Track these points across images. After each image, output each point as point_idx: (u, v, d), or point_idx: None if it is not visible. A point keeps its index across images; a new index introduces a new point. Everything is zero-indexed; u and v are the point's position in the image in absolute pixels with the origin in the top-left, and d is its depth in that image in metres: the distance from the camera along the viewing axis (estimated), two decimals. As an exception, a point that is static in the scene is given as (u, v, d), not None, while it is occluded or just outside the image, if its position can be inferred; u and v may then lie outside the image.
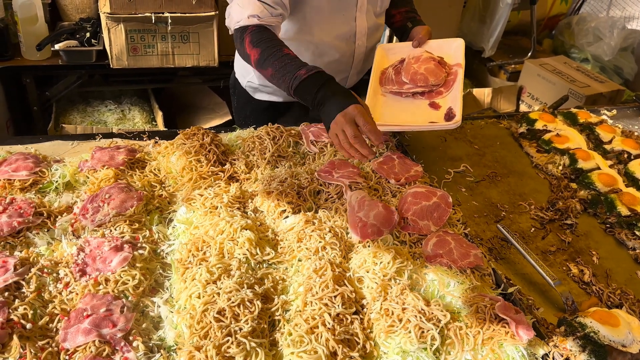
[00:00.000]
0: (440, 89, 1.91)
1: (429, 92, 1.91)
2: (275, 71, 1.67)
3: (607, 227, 1.80)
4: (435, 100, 1.89)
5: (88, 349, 1.19)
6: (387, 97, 1.95)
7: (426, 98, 1.91)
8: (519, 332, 1.27)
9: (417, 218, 1.63)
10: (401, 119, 1.87)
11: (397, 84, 1.92)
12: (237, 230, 1.48)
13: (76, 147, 1.87)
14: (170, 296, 1.37)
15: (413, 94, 1.92)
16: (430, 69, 1.90)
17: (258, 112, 2.29)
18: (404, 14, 2.17)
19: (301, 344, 1.21)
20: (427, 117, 1.85)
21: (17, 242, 1.45)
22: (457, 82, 1.90)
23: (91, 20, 3.24)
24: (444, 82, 1.92)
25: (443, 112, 1.84)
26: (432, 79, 1.89)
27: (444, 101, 1.88)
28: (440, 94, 1.90)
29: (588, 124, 2.27)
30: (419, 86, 1.89)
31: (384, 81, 1.98)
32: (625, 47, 4.21)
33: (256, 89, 2.25)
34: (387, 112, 1.90)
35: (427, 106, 1.88)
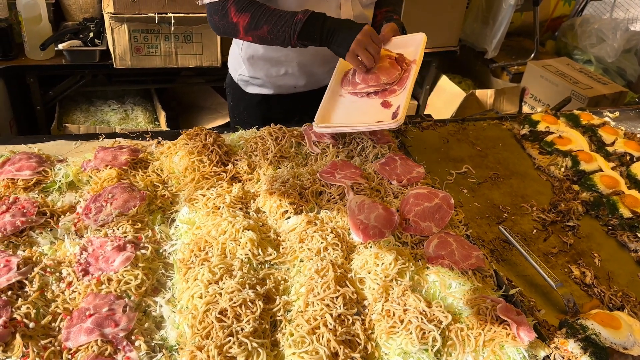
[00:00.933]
0: (394, 87, 1.88)
1: (382, 91, 1.89)
2: (271, 26, 1.73)
3: (609, 229, 1.80)
4: (387, 99, 1.87)
5: (90, 348, 1.19)
6: (346, 97, 1.94)
7: (379, 97, 1.89)
8: (520, 334, 1.27)
9: (419, 219, 1.63)
10: (351, 118, 1.86)
11: (352, 84, 1.91)
12: (240, 230, 1.48)
13: (79, 147, 1.88)
14: (172, 296, 1.37)
15: (367, 93, 1.90)
16: (383, 67, 1.87)
17: (251, 107, 2.30)
18: (384, 13, 2.15)
19: (302, 345, 1.21)
20: (376, 116, 1.82)
21: (20, 242, 1.45)
22: (408, 80, 1.86)
23: (95, 20, 3.25)
24: (398, 80, 1.89)
25: (392, 111, 1.82)
26: (384, 78, 1.86)
27: (396, 99, 1.85)
28: (393, 92, 1.87)
29: (590, 125, 2.27)
30: (370, 85, 1.88)
31: (344, 82, 1.96)
32: (628, 49, 4.20)
33: (247, 82, 2.25)
34: (340, 113, 1.89)
35: (379, 105, 1.87)
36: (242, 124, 2.10)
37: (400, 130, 2.16)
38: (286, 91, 2.23)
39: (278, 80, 2.18)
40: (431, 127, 2.24)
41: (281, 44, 1.79)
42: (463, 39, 4.25)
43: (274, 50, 2.06)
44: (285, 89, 2.22)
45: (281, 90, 2.22)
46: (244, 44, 2.14)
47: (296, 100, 2.24)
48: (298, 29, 1.70)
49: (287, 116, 2.15)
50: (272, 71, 2.15)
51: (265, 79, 2.19)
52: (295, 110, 2.23)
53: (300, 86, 2.21)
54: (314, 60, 2.13)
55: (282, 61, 2.12)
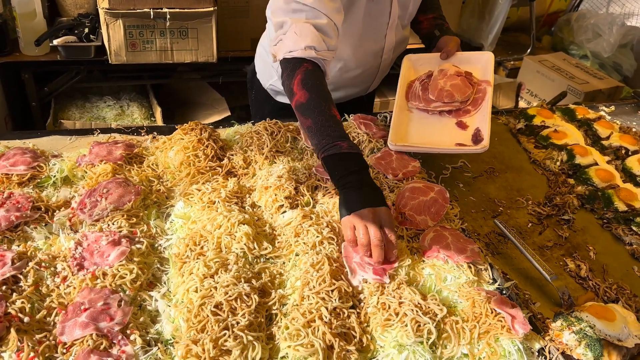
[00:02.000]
0: (468, 107, 1.85)
1: (456, 110, 1.85)
2: (314, 125, 1.56)
3: (604, 223, 1.81)
4: (462, 120, 1.83)
5: (85, 342, 1.19)
6: (414, 113, 1.90)
7: (453, 117, 1.85)
8: (515, 326, 1.28)
9: (414, 213, 1.63)
10: (427, 138, 1.81)
11: (424, 101, 1.86)
12: (235, 224, 1.48)
13: (74, 142, 1.87)
14: (167, 290, 1.37)
15: (440, 112, 1.87)
16: (456, 85, 1.84)
17: (276, 110, 2.25)
18: (432, 20, 2.10)
19: (298, 338, 1.21)
20: (454, 137, 1.80)
21: (14, 237, 1.45)
22: (485, 100, 1.83)
23: (90, 16, 3.23)
24: (472, 100, 1.86)
25: (470, 133, 1.80)
26: (457, 96, 1.84)
27: (472, 120, 1.83)
28: (468, 112, 1.84)
29: (586, 120, 2.27)
30: (445, 103, 1.84)
31: (411, 96, 1.92)
32: (624, 44, 4.21)
33: (278, 92, 2.22)
34: (413, 131, 1.84)
35: (455, 125, 1.83)
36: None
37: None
38: None
39: None
40: (427, 121, 2.24)
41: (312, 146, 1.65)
42: (459, 34, 4.24)
43: None
44: None
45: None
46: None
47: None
48: (330, 152, 1.51)
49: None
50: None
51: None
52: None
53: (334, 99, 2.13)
54: (352, 81, 2.10)
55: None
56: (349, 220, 1.44)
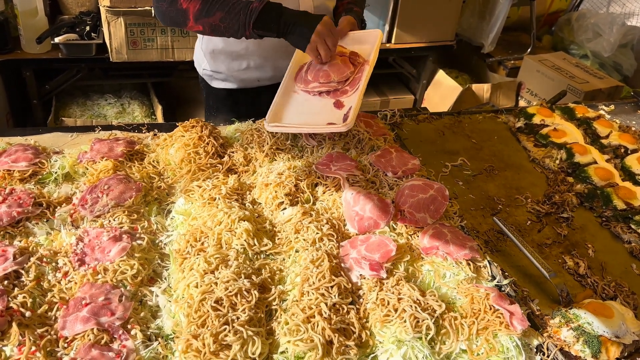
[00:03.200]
0: (346, 87, 1.83)
1: (334, 90, 1.84)
2: (225, 13, 1.67)
3: (603, 221, 1.81)
4: (340, 99, 1.82)
5: (86, 337, 1.20)
6: (299, 94, 1.89)
7: (332, 97, 1.84)
8: (514, 323, 1.29)
9: (414, 210, 1.64)
10: (303, 118, 1.81)
11: (304, 82, 1.86)
12: (235, 221, 1.49)
13: (75, 139, 1.88)
14: (168, 286, 1.38)
15: (319, 92, 1.85)
16: (334, 65, 1.82)
17: (219, 101, 2.26)
18: (345, 5, 2.09)
19: (298, 333, 1.22)
20: (328, 117, 1.78)
21: (16, 232, 1.46)
22: (361, 81, 1.81)
23: (91, 14, 3.24)
24: (351, 80, 1.83)
25: (343, 113, 1.78)
26: (334, 76, 1.81)
27: (348, 100, 1.81)
28: (345, 92, 1.82)
29: (585, 118, 2.28)
30: (321, 83, 1.82)
31: (297, 78, 1.91)
32: (624, 44, 4.21)
33: (211, 76, 2.21)
34: (292, 111, 1.84)
35: (332, 105, 1.82)
36: (214, 118, 2.08)
37: (396, 123, 2.17)
38: (250, 85, 2.18)
39: (240, 74, 2.14)
40: (427, 120, 2.25)
41: (234, 35, 1.74)
42: (460, 33, 4.25)
43: (234, 43, 2.02)
44: (249, 82, 2.17)
45: (245, 84, 2.18)
46: (204, 38, 2.10)
47: (263, 94, 2.15)
48: (254, 17, 1.65)
49: (257, 111, 2.07)
50: (233, 65, 2.11)
51: (227, 72, 2.14)
52: (264, 104, 2.09)
53: (264, 79, 2.17)
54: (275, 53, 2.08)
55: (243, 54, 2.07)
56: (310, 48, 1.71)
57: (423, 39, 3.84)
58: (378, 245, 1.47)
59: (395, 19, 3.65)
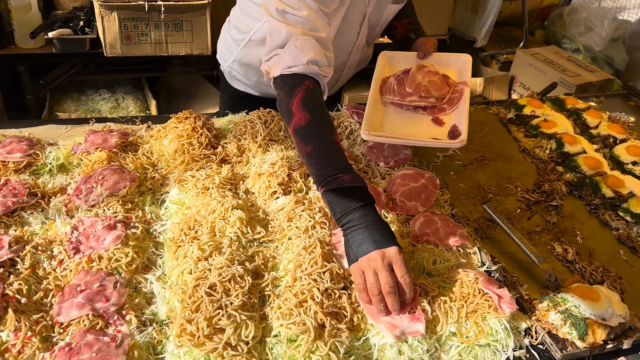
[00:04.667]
0: (443, 105, 1.82)
1: (431, 107, 1.81)
2: (314, 153, 1.41)
3: (592, 209, 1.84)
4: (438, 117, 1.80)
5: (82, 322, 1.22)
6: (388, 107, 1.86)
7: (428, 113, 1.81)
8: (502, 306, 1.31)
9: (405, 199, 1.66)
10: (402, 130, 1.77)
11: (399, 94, 1.82)
12: (229, 209, 1.51)
13: (70, 131, 1.89)
14: (162, 273, 1.40)
15: (415, 107, 1.83)
16: (434, 82, 1.81)
17: (233, 99, 2.25)
18: (406, 25, 2.07)
19: (290, 317, 1.24)
20: (429, 132, 1.75)
21: (11, 222, 1.47)
22: (462, 99, 1.79)
23: (85, 9, 3.24)
24: (447, 99, 1.83)
25: (446, 130, 1.74)
26: (434, 92, 1.79)
27: (448, 118, 1.79)
28: (443, 110, 1.81)
29: (575, 109, 2.31)
30: (421, 97, 1.80)
31: (385, 90, 1.87)
32: (616, 38, 4.24)
33: (234, 77, 2.20)
34: (387, 124, 1.80)
35: (430, 121, 1.79)
36: (227, 111, 2.10)
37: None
38: (270, 96, 2.15)
39: (266, 88, 2.13)
40: (419, 111, 2.26)
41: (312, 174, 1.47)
42: (452, 27, 4.27)
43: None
44: (270, 94, 2.15)
45: (265, 95, 2.19)
46: (241, 49, 2.04)
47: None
48: (332, 187, 1.38)
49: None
50: (262, 79, 1.93)
51: (256, 84, 2.15)
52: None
53: None
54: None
55: None
56: (357, 267, 1.32)
57: (416, 34, 3.85)
58: (369, 233, 1.49)
59: (388, 13, 3.67)
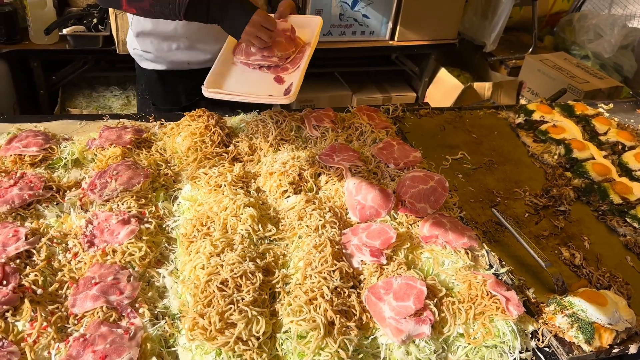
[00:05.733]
0: (287, 64, 1.90)
1: (275, 67, 1.89)
2: (154, 1, 1.67)
3: (600, 215, 1.85)
4: (280, 75, 1.88)
5: (96, 314, 1.24)
6: (238, 66, 1.92)
7: (272, 72, 1.90)
8: (510, 308, 1.33)
9: (414, 201, 1.67)
10: (243, 88, 1.84)
11: (245, 54, 1.90)
12: (240, 207, 1.53)
13: (84, 127, 1.92)
14: (175, 268, 1.42)
15: (260, 66, 1.90)
16: (278, 43, 1.89)
17: (150, 84, 2.24)
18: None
19: (300, 313, 1.26)
20: (268, 90, 1.83)
21: (27, 214, 1.50)
22: (303, 60, 1.89)
23: (98, 7, 3.27)
24: (292, 59, 1.91)
25: (284, 87, 1.83)
26: (278, 52, 1.87)
27: (289, 77, 1.87)
28: (286, 70, 1.89)
29: (584, 116, 2.32)
30: (264, 57, 1.88)
31: (237, 50, 1.94)
32: (625, 45, 4.24)
33: (141, 56, 2.18)
34: (232, 81, 1.88)
35: (272, 80, 1.87)
36: (145, 102, 2.07)
37: (398, 117, 2.20)
38: (180, 67, 2.16)
39: (170, 56, 2.11)
40: (428, 114, 2.29)
41: (168, 19, 1.76)
42: (462, 32, 4.28)
43: (162, 25, 2.01)
44: (178, 64, 2.15)
45: (174, 66, 2.16)
46: (133, 18, 2.08)
47: (193, 78, 2.11)
48: (183, 10, 1.67)
49: (188, 95, 2.06)
50: (162, 46, 2.09)
51: (156, 53, 2.12)
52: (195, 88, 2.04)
53: (194, 62, 2.15)
54: (204, 35, 2.08)
55: (172, 36, 2.06)
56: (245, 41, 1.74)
57: (426, 37, 3.87)
58: (379, 233, 1.51)
59: (398, 16, 3.69)
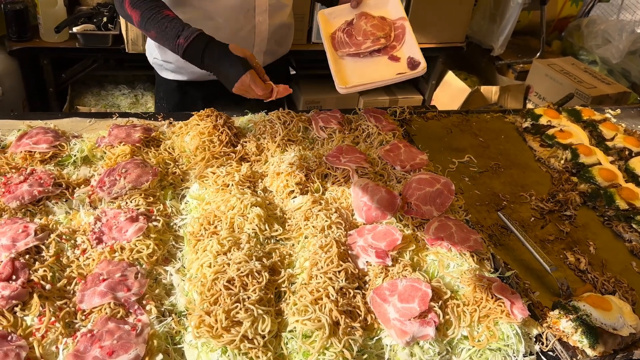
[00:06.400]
0: (393, 43, 1.92)
1: (383, 48, 1.91)
2: (158, 34, 1.73)
3: (605, 220, 1.85)
4: (393, 54, 1.90)
5: (103, 310, 1.25)
6: (346, 59, 1.93)
7: (383, 54, 1.91)
8: (514, 311, 1.33)
9: (420, 203, 1.68)
10: (368, 76, 1.86)
11: (354, 45, 1.91)
12: (247, 206, 1.54)
13: (93, 125, 1.94)
14: (182, 266, 1.43)
15: (371, 52, 1.91)
16: (376, 25, 1.92)
17: (169, 92, 2.25)
18: None
19: (306, 313, 1.27)
20: (392, 70, 1.85)
21: (37, 210, 1.52)
22: (407, 32, 1.91)
23: (108, 5, 3.30)
24: (394, 37, 1.93)
25: (405, 63, 1.86)
26: (380, 33, 1.90)
27: (401, 53, 1.89)
28: (394, 48, 1.91)
29: (591, 121, 2.32)
30: (373, 41, 1.89)
31: (338, 45, 1.95)
32: (633, 51, 4.24)
33: (161, 66, 2.20)
34: (353, 74, 1.88)
35: (388, 60, 1.89)
36: (163, 109, 2.08)
37: (405, 120, 2.21)
38: (200, 78, 2.17)
39: (190, 67, 1.99)
40: (435, 117, 2.29)
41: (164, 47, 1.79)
42: (470, 35, 4.29)
43: None
44: (199, 75, 2.14)
45: (195, 77, 2.17)
46: None
47: (214, 89, 2.10)
48: (181, 53, 1.71)
49: (206, 105, 2.05)
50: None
51: (177, 64, 2.13)
52: (215, 99, 2.15)
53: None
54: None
55: None
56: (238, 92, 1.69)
57: (433, 40, 3.88)
58: (384, 234, 1.52)
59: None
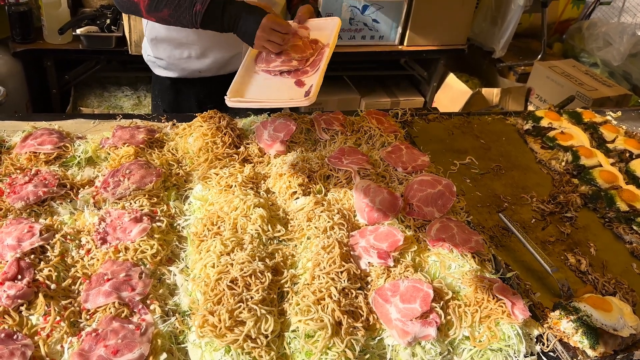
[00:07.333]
0: (306, 67, 1.92)
1: (295, 71, 1.92)
2: (172, 10, 1.73)
3: (606, 222, 1.86)
4: (301, 79, 1.90)
5: (108, 310, 1.26)
6: (260, 74, 1.95)
7: (293, 77, 1.92)
8: (515, 312, 1.34)
9: (422, 204, 1.69)
10: (267, 95, 1.87)
11: (266, 62, 1.93)
12: (250, 207, 1.55)
13: (97, 126, 1.95)
14: (185, 266, 1.44)
15: (281, 72, 1.92)
16: (296, 47, 1.92)
17: (163, 90, 2.27)
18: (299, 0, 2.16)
19: (308, 313, 1.28)
20: (290, 94, 1.86)
21: (41, 211, 1.53)
22: (322, 61, 1.90)
23: (111, 8, 3.32)
24: (311, 62, 1.93)
25: (305, 90, 1.85)
26: (295, 55, 1.90)
27: (309, 80, 1.89)
28: (306, 73, 1.91)
29: (592, 123, 2.33)
30: (283, 62, 1.90)
31: (258, 59, 1.97)
32: (634, 54, 4.24)
33: (154, 63, 2.22)
34: (254, 89, 1.90)
35: (293, 84, 1.90)
36: (158, 108, 2.09)
37: (407, 122, 2.22)
38: (191, 75, 2.20)
39: (181, 63, 2.14)
40: (437, 119, 2.30)
41: (187, 27, 1.81)
42: (471, 38, 4.30)
43: (175, 31, 2.05)
44: (190, 72, 2.19)
45: (186, 74, 2.19)
46: (147, 24, 2.11)
47: (205, 87, 2.19)
48: (199, 19, 1.72)
49: (199, 103, 2.08)
50: (175, 53, 2.13)
51: (168, 60, 2.16)
52: (206, 97, 2.19)
53: (205, 71, 2.19)
54: (215, 44, 2.11)
55: (184, 43, 2.09)
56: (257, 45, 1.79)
57: (435, 42, 3.89)
58: (386, 235, 1.53)
59: (408, 21, 3.72)
